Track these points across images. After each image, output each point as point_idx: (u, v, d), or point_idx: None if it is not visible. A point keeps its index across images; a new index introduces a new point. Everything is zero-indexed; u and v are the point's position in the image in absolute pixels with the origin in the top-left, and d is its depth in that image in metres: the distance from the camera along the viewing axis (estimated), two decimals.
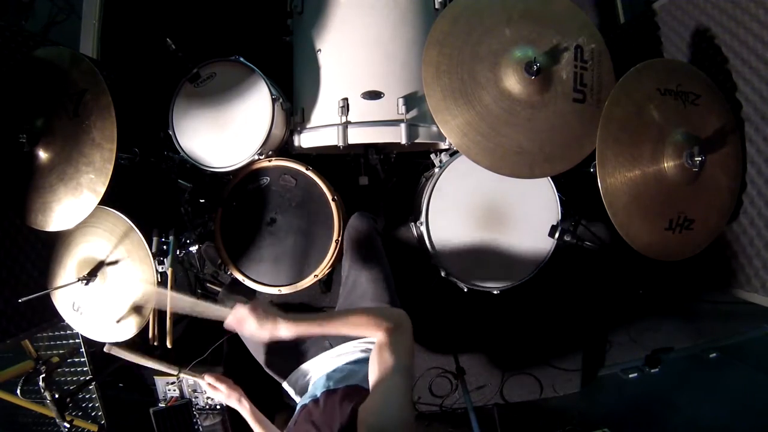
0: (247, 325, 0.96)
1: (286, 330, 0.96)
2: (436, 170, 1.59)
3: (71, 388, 1.61)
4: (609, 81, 1.31)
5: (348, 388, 1.07)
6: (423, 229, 1.53)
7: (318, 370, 1.28)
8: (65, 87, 1.24)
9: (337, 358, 1.26)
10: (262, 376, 1.41)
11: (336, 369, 1.22)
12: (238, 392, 1.23)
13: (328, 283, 2.12)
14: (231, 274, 1.59)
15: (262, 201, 1.58)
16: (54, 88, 1.26)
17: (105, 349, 1.30)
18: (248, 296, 1.68)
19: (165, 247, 1.40)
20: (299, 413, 1.06)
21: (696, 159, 1.17)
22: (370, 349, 1.24)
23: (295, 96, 1.70)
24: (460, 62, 1.26)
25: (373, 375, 0.91)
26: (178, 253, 1.49)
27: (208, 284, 2.02)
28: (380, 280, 1.40)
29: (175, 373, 1.35)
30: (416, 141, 1.51)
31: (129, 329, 1.38)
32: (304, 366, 1.32)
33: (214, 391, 1.25)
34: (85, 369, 1.90)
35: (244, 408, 1.26)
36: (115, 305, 1.38)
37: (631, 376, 2.16)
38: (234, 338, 1.60)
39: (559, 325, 2.19)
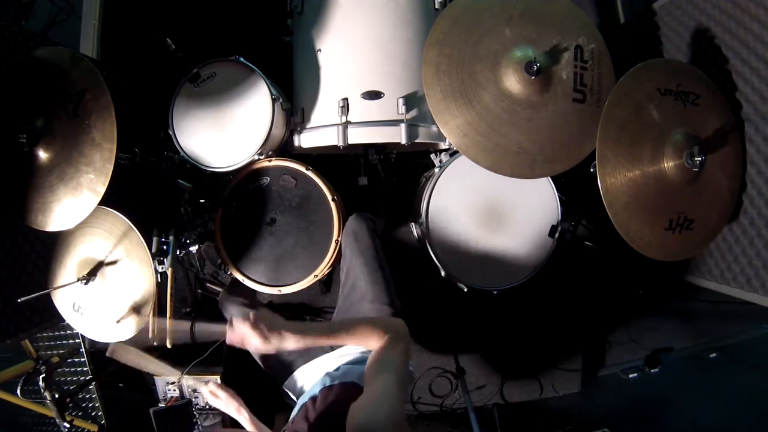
0: (252, 341, 0.95)
1: (292, 343, 0.97)
2: (436, 170, 1.59)
3: (71, 388, 1.61)
4: (609, 81, 1.31)
5: (343, 385, 1.07)
6: (423, 229, 1.53)
7: (318, 370, 1.27)
8: (65, 87, 1.24)
9: (337, 359, 1.26)
10: (262, 376, 1.41)
11: (336, 368, 1.22)
12: (238, 402, 1.22)
13: (328, 283, 2.12)
14: (231, 274, 1.59)
15: (262, 201, 1.58)
16: (54, 88, 1.26)
17: (107, 353, 1.27)
18: (248, 296, 1.68)
19: (165, 247, 1.40)
20: (298, 411, 1.06)
21: (696, 159, 1.17)
22: (370, 350, 1.25)
23: (295, 96, 1.70)
24: (460, 62, 1.26)
25: (368, 375, 0.93)
26: (178, 253, 1.49)
27: (208, 284, 2.02)
28: (379, 281, 1.40)
29: (177, 377, 1.35)
30: (416, 141, 1.51)
31: (129, 329, 1.38)
32: (304, 367, 1.32)
33: (215, 399, 1.24)
34: (85, 369, 1.90)
35: (243, 417, 1.25)
36: (115, 305, 1.38)
37: (631, 376, 2.16)
38: None
39: (559, 325, 2.19)
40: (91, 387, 1.89)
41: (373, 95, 1.48)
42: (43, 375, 1.42)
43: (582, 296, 2.17)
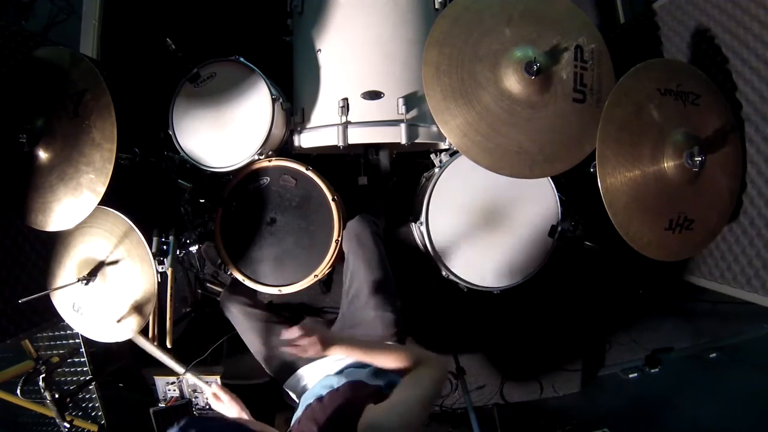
0: (311, 347, 1.04)
1: (338, 352, 1.07)
2: (436, 170, 1.59)
3: (71, 388, 1.61)
4: (609, 81, 1.31)
5: (351, 384, 1.08)
6: (423, 229, 1.53)
7: (320, 371, 1.27)
8: (65, 87, 1.24)
9: (337, 362, 1.26)
10: (262, 376, 1.41)
11: (339, 370, 1.22)
12: (240, 405, 1.23)
13: (328, 283, 2.12)
14: (231, 274, 1.58)
15: (262, 201, 1.58)
16: (54, 88, 1.26)
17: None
18: (249, 296, 1.68)
19: (165, 247, 1.40)
20: (303, 412, 1.06)
21: (696, 159, 1.17)
22: None
23: (295, 96, 1.70)
24: (460, 62, 1.26)
25: (397, 388, 0.97)
26: (178, 253, 1.49)
27: (208, 284, 2.02)
28: (382, 286, 1.40)
29: (181, 372, 1.36)
30: (416, 141, 1.51)
31: (129, 329, 1.38)
32: (306, 368, 1.32)
33: (216, 401, 1.25)
34: (85, 369, 1.90)
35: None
36: (115, 305, 1.38)
37: (631, 376, 2.16)
38: (234, 338, 1.60)
39: (559, 325, 2.19)
40: (91, 387, 1.89)
41: (373, 95, 1.48)
42: (43, 375, 1.42)
43: (582, 296, 2.17)
